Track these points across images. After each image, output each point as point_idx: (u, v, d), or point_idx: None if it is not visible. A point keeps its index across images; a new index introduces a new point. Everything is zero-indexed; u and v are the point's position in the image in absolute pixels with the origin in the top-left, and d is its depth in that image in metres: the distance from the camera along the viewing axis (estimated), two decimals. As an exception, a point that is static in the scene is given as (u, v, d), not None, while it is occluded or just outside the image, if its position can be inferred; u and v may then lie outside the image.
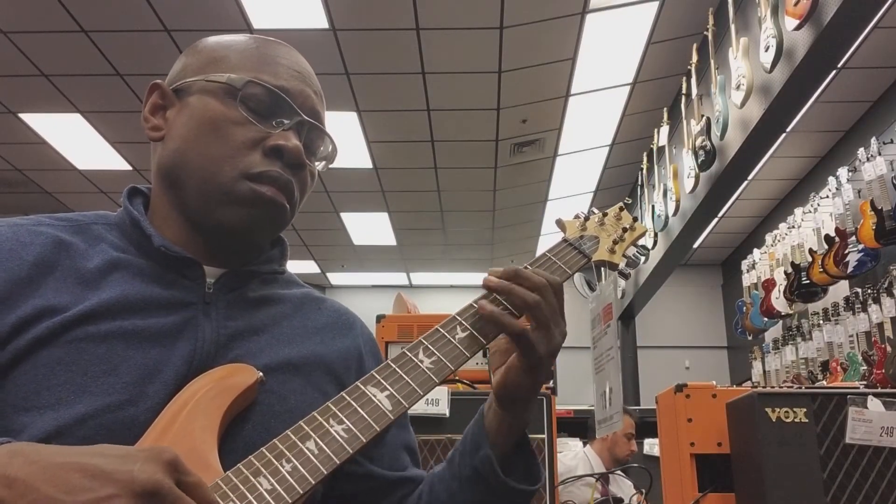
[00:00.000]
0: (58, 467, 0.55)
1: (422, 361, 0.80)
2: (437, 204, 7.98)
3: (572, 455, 3.86)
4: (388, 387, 0.77)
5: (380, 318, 2.39)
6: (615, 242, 0.99)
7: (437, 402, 2.11)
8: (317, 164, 0.94)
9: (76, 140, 6.41)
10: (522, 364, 0.82)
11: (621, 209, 1.04)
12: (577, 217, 1.02)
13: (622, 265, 0.99)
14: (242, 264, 0.91)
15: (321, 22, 4.93)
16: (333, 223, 8.44)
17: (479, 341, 0.82)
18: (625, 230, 1.00)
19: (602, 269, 0.99)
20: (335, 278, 10.61)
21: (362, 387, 0.77)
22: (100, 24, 4.90)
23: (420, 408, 2.08)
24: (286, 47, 0.94)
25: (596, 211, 1.03)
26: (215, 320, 0.84)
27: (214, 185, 0.84)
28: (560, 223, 1.01)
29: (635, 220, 1.03)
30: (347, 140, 6.50)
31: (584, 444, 4.05)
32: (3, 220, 0.84)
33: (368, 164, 6.98)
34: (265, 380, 0.81)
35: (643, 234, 1.03)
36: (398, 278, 10.48)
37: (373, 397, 0.76)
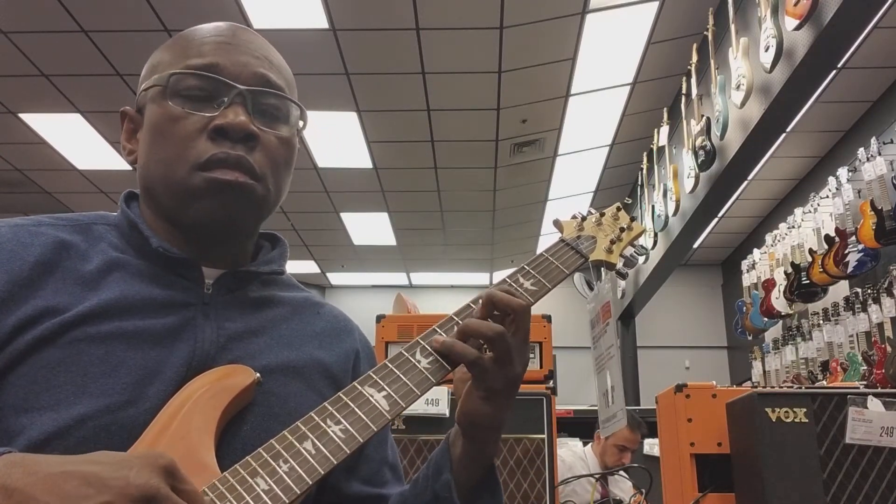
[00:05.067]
0: (56, 476, 0.55)
1: (419, 361, 0.80)
2: (437, 204, 7.98)
3: (571, 453, 3.85)
4: (385, 387, 0.77)
5: (380, 319, 2.39)
6: (612, 242, 0.98)
7: (436, 402, 2.11)
8: (282, 128, 0.88)
9: (76, 140, 6.41)
10: (478, 392, 0.81)
11: (619, 209, 1.03)
12: (574, 217, 1.01)
13: (620, 265, 0.99)
14: (240, 265, 0.90)
15: (321, 22, 4.93)
16: (333, 223, 8.44)
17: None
18: (622, 230, 1.00)
19: (601, 268, 0.99)
20: (335, 278, 10.61)
21: (359, 387, 0.77)
22: (100, 24, 4.90)
23: (420, 408, 2.08)
24: (219, 24, 0.90)
25: (593, 211, 1.02)
26: (214, 321, 0.84)
27: (176, 187, 0.83)
28: (557, 223, 1.00)
29: (633, 219, 1.02)
30: (347, 140, 6.50)
31: (585, 443, 4.04)
32: (3, 220, 0.84)
33: (368, 164, 6.98)
34: (262, 381, 0.80)
35: (641, 234, 1.02)
36: (398, 278, 10.48)
37: (370, 398, 0.76)
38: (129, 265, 0.84)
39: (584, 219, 1.00)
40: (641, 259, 1.01)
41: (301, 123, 0.92)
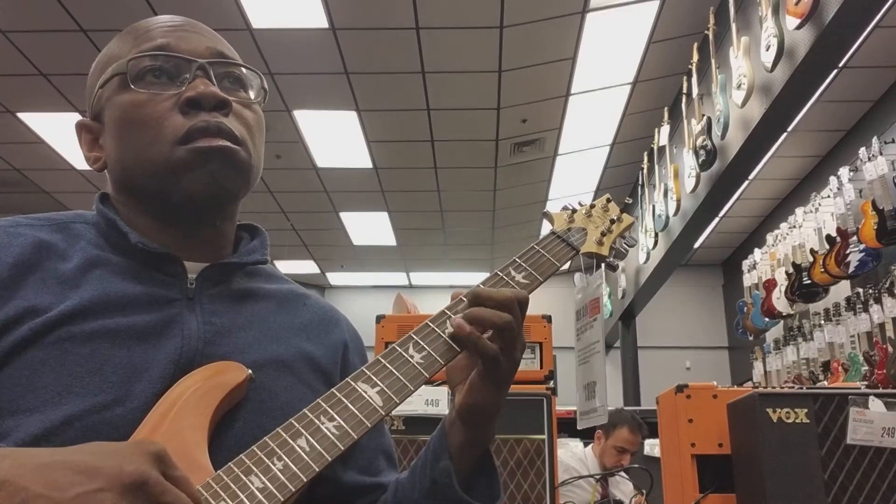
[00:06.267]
0: (46, 466, 0.55)
1: (412, 357, 0.79)
2: (437, 204, 7.98)
3: (571, 455, 3.83)
4: (378, 382, 0.76)
5: (379, 319, 2.38)
6: (603, 234, 0.98)
7: (436, 402, 2.10)
8: (247, 95, 0.91)
9: (74, 139, 6.36)
10: (486, 383, 0.80)
11: (608, 200, 1.04)
12: (564, 209, 1.02)
13: (610, 257, 0.99)
14: (222, 257, 0.89)
15: (321, 22, 4.93)
16: (333, 223, 8.43)
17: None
18: (612, 222, 1.00)
19: (594, 261, 0.99)
20: (335, 278, 10.62)
21: (353, 383, 0.76)
22: (98, 23, 4.90)
23: (420, 408, 2.08)
24: (160, 16, 0.92)
25: (583, 203, 1.02)
26: (200, 316, 0.83)
27: (159, 168, 0.83)
28: (548, 215, 1.01)
29: (622, 211, 1.03)
30: (347, 140, 6.49)
31: (586, 444, 4.02)
32: None
33: (368, 164, 6.98)
34: (254, 377, 0.80)
35: (630, 225, 1.03)
36: (398, 278, 10.48)
37: (363, 393, 0.75)
38: (109, 262, 0.83)
39: (574, 211, 1.01)
40: (631, 250, 1.02)
41: (262, 93, 0.93)
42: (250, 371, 0.79)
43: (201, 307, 0.83)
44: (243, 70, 0.90)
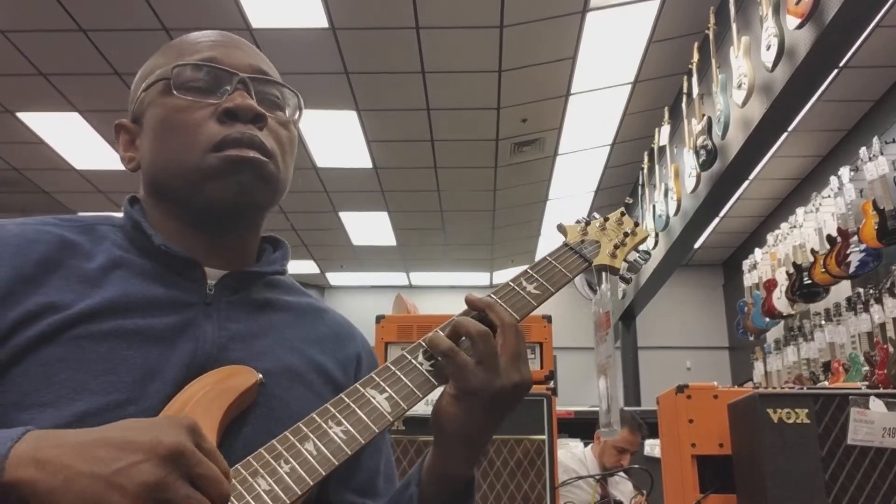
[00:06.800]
0: (85, 445, 0.58)
1: (421, 364, 0.80)
2: (437, 204, 7.98)
3: (570, 455, 3.84)
4: (386, 389, 0.77)
5: (379, 319, 2.38)
6: (616, 247, 0.99)
7: (437, 402, 2.10)
8: (283, 113, 0.92)
9: (74, 139, 6.40)
10: (450, 390, 0.80)
11: (623, 214, 1.04)
12: (578, 222, 1.02)
13: (623, 269, 0.99)
14: (244, 266, 0.90)
15: (321, 21, 4.93)
16: (332, 223, 8.43)
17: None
18: (626, 235, 1.00)
19: (603, 273, 0.99)
20: (334, 278, 10.61)
21: (361, 389, 0.77)
22: (98, 23, 4.90)
23: (420, 408, 2.08)
24: (205, 31, 0.95)
25: (597, 216, 1.03)
26: (216, 321, 0.84)
27: (190, 173, 0.84)
28: (561, 228, 1.01)
29: (636, 224, 1.03)
30: (347, 140, 6.49)
31: (586, 444, 4.02)
32: (10, 220, 0.85)
33: (368, 164, 6.98)
34: (264, 382, 0.81)
35: (644, 239, 1.03)
36: (398, 278, 10.48)
37: (371, 399, 0.76)
38: (131, 264, 0.84)
39: (587, 223, 1.01)
40: (644, 263, 1.02)
41: (298, 113, 0.95)
42: (260, 375, 0.80)
43: (218, 313, 0.85)
44: (282, 90, 0.93)
